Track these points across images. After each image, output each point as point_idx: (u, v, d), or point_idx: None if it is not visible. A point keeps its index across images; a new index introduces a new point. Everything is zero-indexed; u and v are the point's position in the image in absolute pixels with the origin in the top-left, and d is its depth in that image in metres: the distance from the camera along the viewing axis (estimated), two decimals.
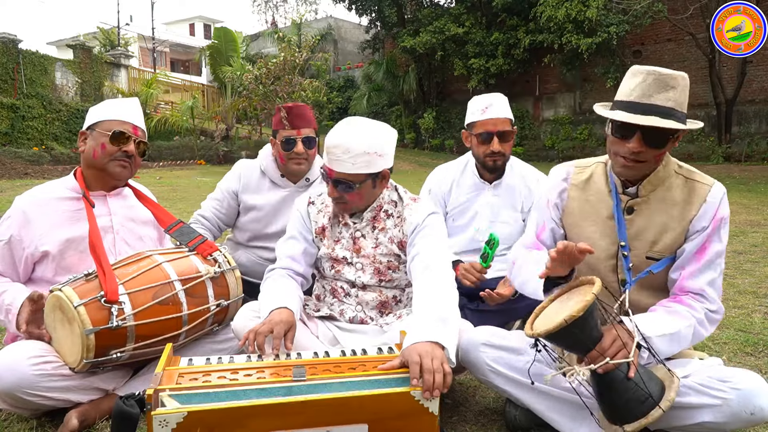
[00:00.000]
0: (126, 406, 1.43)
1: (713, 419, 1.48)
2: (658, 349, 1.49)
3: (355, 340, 1.89)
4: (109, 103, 2.09)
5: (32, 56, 15.55)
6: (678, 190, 1.64)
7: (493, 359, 1.70)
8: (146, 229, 2.15)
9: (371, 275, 1.91)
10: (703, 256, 1.61)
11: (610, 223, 1.69)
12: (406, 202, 1.93)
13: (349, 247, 1.92)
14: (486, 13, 19.09)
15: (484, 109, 2.48)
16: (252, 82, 14.46)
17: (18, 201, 1.96)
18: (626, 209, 1.68)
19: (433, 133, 20.53)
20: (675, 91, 1.51)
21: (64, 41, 24.40)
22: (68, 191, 1.99)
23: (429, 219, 1.87)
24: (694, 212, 1.61)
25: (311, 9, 37.17)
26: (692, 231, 1.62)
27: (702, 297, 1.60)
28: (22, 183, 10.25)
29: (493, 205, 2.61)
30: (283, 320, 1.65)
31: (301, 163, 2.51)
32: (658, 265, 1.65)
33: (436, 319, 1.58)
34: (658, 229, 1.64)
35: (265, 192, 2.59)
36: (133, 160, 2.03)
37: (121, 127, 2.00)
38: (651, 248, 1.65)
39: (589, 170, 1.78)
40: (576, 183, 1.79)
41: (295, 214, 2.02)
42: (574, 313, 1.35)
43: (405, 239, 1.89)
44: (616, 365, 1.40)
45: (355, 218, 1.93)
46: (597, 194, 1.74)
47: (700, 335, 1.59)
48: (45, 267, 1.93)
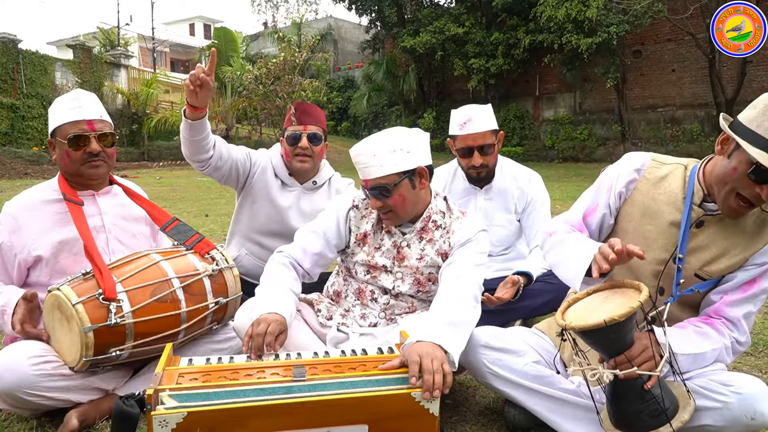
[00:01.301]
0: (126, 406, 1.42)
1: (714, 422, 1.47)
2: (681, 365, 1.47)
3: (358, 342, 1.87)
4: (58, 104, 1.98)
5: (32, 56, 15.56)
6: (751, 218, 1.57)
7: (492, 361, 1.69)
8: (138, 226, 2.14)
9: (410, 285, 1.88)
10: (751, 288, 1.58)
11: (672, 230, 1.61)
12: (456, 215, 1.90)
13: (390, 256, 1.88)
14: (486, 13, 19.09)
15: (462, 124, 2.47)
16: (252, 82, 14.48)
17: (7, 206, 1.94)
18: (696, 222, 1.59)
19: (433, 133, 20.49)
20: None
21: (64, 41, 24.39)
22: (56, 193, 1.97)
23: (479, 235, 1.84)
24: (760, 246, 1.56)
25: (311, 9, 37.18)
26: (750, 263, 1.57)
27: (734, 326, 1.58)
28: (22, 183, 10.26)
29: (486, 209, 2.61)
30: (277, 320, 1.64)
31: (305, 160, 2.48)
32: (705, 285, 1.61)
33: (448, 323, 1.57)
34: (719, 252, 1.58)
35: (276, 189, 2.57)
36: (102, 155, 1.96)
37: (76, 128, 1.91)
38: (703, 267, 1.60)
39: (667, 168, 1.67)
40: (649, 177, 1.68)
41: (331, 213, 1.96)
42: (615, 316, 1.31)
43: (450, 251, 1.85)
44: (639, 375, 1.39)
45: (405, 227, 1.89)
46: (668, 196, 1.64)
47: (722, 361, 1.58)
48: (39, 271, 1.92)
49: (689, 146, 16.05)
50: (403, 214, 1.82)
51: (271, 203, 2.55)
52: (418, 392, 1.41)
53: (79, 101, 1.95)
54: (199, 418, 1.33)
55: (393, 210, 1.80)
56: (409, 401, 1.42)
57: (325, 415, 1.39)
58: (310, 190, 2.59)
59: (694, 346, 1.51)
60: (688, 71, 16.84)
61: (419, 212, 1.87)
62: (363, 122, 22.70)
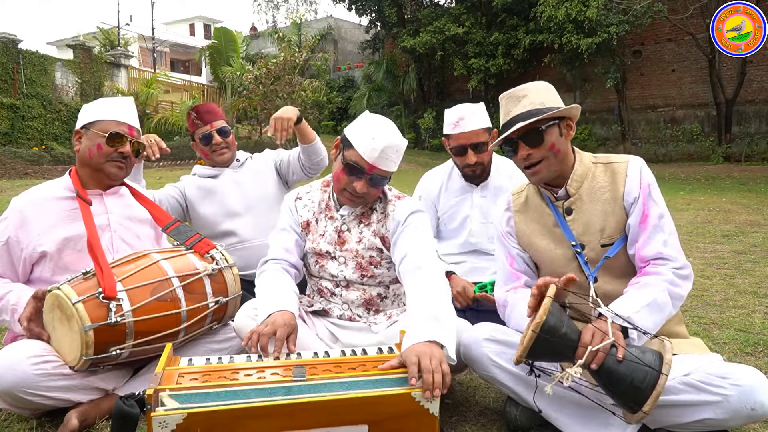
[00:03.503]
0: (126, 406, 1.43)
1: (714, 416, 1.48)
2: (643, 324, 1.51)
3: (351, 335, 1.90)
4: (105, 101, 2.08)
5: (32, 56, 15.57)
6: (601, 177, 1.75)
7: (496, 354, 1.70)
8: (143, 227, 2.15)
9: (353, 270, 1.92)
10: (646, 222, 1.67)
11: (557, 230, 1.78)
12: (390, 199, 1.95)
13: (332, 241, 1.94)
14: (486, 13, 19.10)
15: (455, 123, 2.49)
16: (252, 82, 14.48)
17: (15, 202, 1.96)
18: (565, 211, 1.77)
19: (433, 133, 20.52)
20: (527, 97, 1.69)
21: (64, 41, 24.41)
22: (64, 191, 1.99)
23: (411, 217, 1.88)
24: (622, 189, 1.70)
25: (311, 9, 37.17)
26: (628, 206, 1.70)
27: (662, 260, 1.64)
28: (22, 183, 10.26)
29: (482, 206, 2.63)
30: (286, 323, 1.64)
31: (223, 153, 2.75)
32: (612, 249, 1.72)
33: (431, 318, 1.57)
34: (600, 217, 1.73)
35: (205, 188, 2.77)
36: (128, 160, 2.04)
37: (118, 128, 2.00)
38: (601, 236, 1.72)
39: (524, 193, 1.89)
40: (517, 208, 1.89)
41: (284, 207, 2.06)
42: (538, 320, 1.40)
43: (387, 235, 1.91)
44: (604, 353, 1.42)
45: (345, 210, 1.95)
46: (537, 209, 1.84)
47: (678, 295, 1.62)
48: (43, 267, 1.93)
49: (689, 146, 16.06)
50: (370, 202, 1.94)
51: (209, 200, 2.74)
52: (418, 392, 1.41)
53: (128, 107, 2.09)
54: (199, 419, 1.33)
55: (368, 198, 1.90)
56: (409, 401, 1.42)
57: (325, 416, 1.39)
58: (236, 167, 2.83)
59: (642, 299, 1.55)
60: (688, 71, 16.85)
61: None
62: None
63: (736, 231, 5.62)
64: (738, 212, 6.94)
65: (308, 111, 15.17)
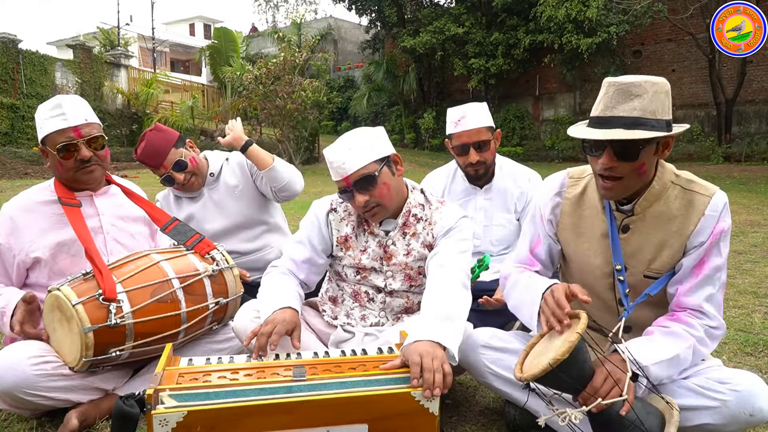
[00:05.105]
0: (126, 406, 1.42)
1: (712, 421, 1.47)
2: (656, 376, 1.43)
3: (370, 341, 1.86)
4: (40, 112, 1.92)
5: (32, 56, 15.57)
6: (676, 202, 1.55)
7: (492, 361, 1.69)
8: (137, 226, 2.13)
9: (402, 281, 1.87)
10: (701, 271, 1.53)
11: (605, 241, 1.62)
12: (435, 205, 1.89)
13: (377, 257, 1.86)
14: (486, 13, 19.09)
15: (457, 121, 2.48)
16: (252, 82, 14.46)
17: (4, 208, 1.94)
18: (621, 228, 1.59)
19: (433, 133, 20.52)
20: (641, 99, 1.42)
21: (64, 41, 24.40)
22: (53, 195, 1.96)
23: (461, 222, 1.83)
24: (692, 227, 1.52)
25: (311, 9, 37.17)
26: (690, 246, 1.54)
27: (701, 314, 1.53)
28: (22, 183, 10.26)
29: (486, 209, 2.62)
30: (285, 320, 1.64)
31: (192, 183, 2.46)
32: (656, 285, 1.58)
33: (441, 318, 1.56)
34: (656, 247, 1.56)
35: (189, 209, 2.56)
36: (94, 159, 1.94)
37: (63, 137, 1.87)
38: (648, 266, 1.58)
39: (584, 182, 1.69)
40: (570, 197, 1.70)
41: (310, 218, 1.92)
42: (558, 356, 1.30)
43: (434, 242, 1.85)
44: (609, 405, 1.34)
45: (386, 226, 1.87)
46: (591, 210, 1.65)
47: (701, 354, 1.53)
48: (38, 273, 1.92)
49: (689, 146, 16.05)
50: (389, 205, 1.79)
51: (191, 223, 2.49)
52: (418, 392, 1.41)
53: (62, 108, 1.89)
54: (199, 417, 1.33)
55: (379, 203, 1.76)
56: (408, 401, 1.42)
57: (324, 415, 1.39)
58: (213, 183, 2.55)
59: (664, 351, 1.45)
60: (688, 71, 16.85)
61: (399, 207, 1.86)
62: (363, 122, 22.69)
63: (736, 231, 5.61)
64: (738, 212, 6.93)
65: (308, 111, 15.15)
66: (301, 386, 1.40)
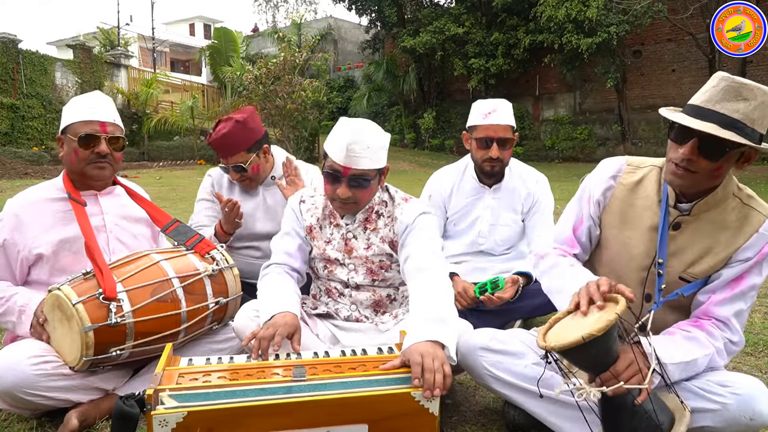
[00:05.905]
0: (126, 406, 1.43)
1: (712, 424, 1.47)
2: (671, 375, 1.43)
3: (353, 337, 1.89)
4: (74, 103, 1.99)
5: (32, 56, 15.56)
6: (732, 214, 1.54)
7: (491, 363, 1.69)
8: (139, 227, 2.14)
9: (364, 275, 1.91)
10: (738, 285, 1.53)
11: (651, 234, 1.59)
12: (398, 202, 1.92)
13: (340, 249, 1.92)
14: (486, 13, 19.10)
15: (487, 113, 2.46)
16: (252, 82, 14.46)
17: (9, 204, 1.95)
18: (672, 225, 1.58)
19: (433, 133, 20.53)
20: (747, 103, 1.38)
21: (64, 41, 24.40)
22: (59, 192, 1.98)
23: (419, 219, 1.85)
24: (743, 241, 1.52)
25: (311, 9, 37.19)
26: (735, 259, 1.53)
27: (725, 326, 1.54)
28: (23, 183, 10.26)
29: (493, 208, 2.62)
30: (287, 323, 1.65)
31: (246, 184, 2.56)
32: (690, 288, 1.57)
33: (435, 319, 1.57)
34: (701, 252, 1.55)
35: (238, 196, 2.57)
36: (109, 158, 1.98)
37: (88, 128, 1.93)
38: (687, 269, 1.57)
39: (642, 172, 1.66)
40: (625, 183, 1.67)
41: (288, 211, 2.01)
42: (593, 331, 1.28)
43: (396, 239, 1.88)
44: (628, 389, 1.35)
45: (347, 219, 1.92)
46: (644, 200, 1.63)
47: (716, 364, 1.53)
48: (40, 269, 1.93)
49: None
50: (363, 206, 1.87)
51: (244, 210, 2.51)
52: (418, 392, 1.41)
53: (95, 102, 1.98)
54: (199, 417, 1.33)
55: (357, 202, 1.82)
56: (408, 401, 1.42)
57: (324, 415, 1.39)
58: (270, 185, 2.62)
59: (685, 354, 1.46)
60: (688, 71, 16.84)
61: (370, 201, 1.91)
62: None
63: None
64: None
65: (308, 111, 15.15)
66: (301, 386, 1.41)
